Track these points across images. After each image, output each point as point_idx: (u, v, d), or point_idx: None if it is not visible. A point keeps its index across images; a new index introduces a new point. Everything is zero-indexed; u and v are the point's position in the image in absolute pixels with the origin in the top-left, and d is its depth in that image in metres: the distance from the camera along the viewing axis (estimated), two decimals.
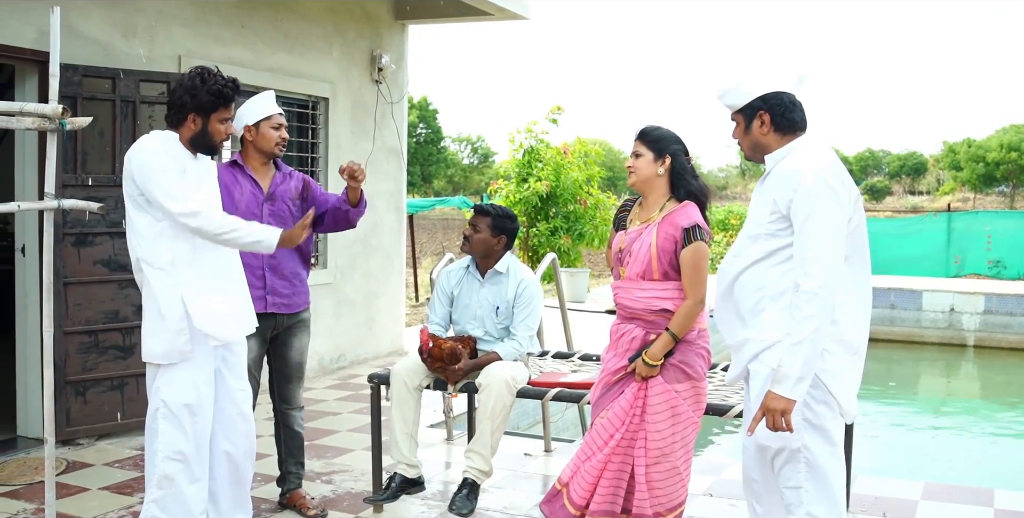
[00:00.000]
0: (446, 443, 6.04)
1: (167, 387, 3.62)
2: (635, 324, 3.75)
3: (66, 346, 5.62)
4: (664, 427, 3.64)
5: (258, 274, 4.40)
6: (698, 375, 3.70)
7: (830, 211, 3.05)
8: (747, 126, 3.31)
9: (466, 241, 4.62)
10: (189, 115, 3.68)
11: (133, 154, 3.62)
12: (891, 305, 14.98)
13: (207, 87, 3.65)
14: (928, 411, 11.24)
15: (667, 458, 3.65)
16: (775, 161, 3.25)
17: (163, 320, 3.59)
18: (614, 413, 3.72)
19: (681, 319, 3.62)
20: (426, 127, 55.57)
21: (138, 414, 5.90)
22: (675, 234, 3.64)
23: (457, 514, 4.27)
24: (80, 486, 4.98)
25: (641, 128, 3.83)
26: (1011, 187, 54.59)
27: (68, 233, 5.65)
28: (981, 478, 7.50)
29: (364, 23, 8.64)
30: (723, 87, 3.34)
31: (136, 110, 5.96)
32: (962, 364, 14.05)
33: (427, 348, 4.38)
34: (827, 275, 3.01)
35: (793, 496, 3.23)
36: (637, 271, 3.70)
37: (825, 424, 3.17)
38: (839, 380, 3.16)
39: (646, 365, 3.63)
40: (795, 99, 3.27)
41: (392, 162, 9.15)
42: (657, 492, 3.65)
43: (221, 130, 3.75)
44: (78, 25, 5.88)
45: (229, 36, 7.10)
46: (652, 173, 3.75)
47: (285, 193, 4.50)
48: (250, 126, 4.41)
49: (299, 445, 4.70)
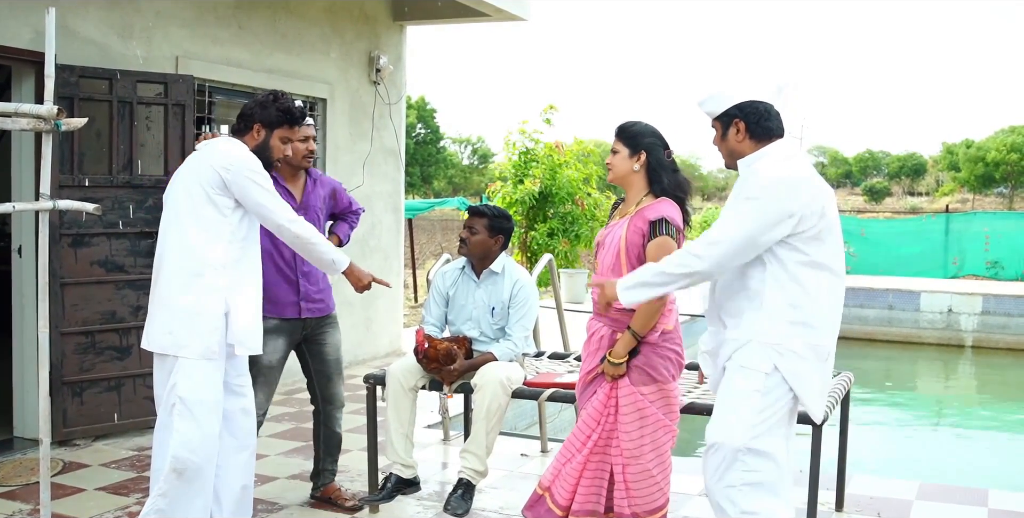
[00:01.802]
0: (442, 444, 6.05)
1: (185, 382, 3.64)
2: (603, 321, 3.78)
3: (63, 347, 5.63)
4: (632, 429, 3.65)
5: (291, 280, 4.50)
6: (664, 378, 3.68)
7: (753, 212, 3.11)
8: (724, 133, 3.37)
9: (463, 244, 4.63)
10: (255, 125, 3.90)
11: (229, 152, 3.75)
12: (889, 306, 14.99)
13: (278, 104, 3.91)
14: (925, 411, 11.26)
15: (637, 461, 3.65)
16: (746, 166, 3.31)
17: (201, 317, 3.65)
18: (588, 414, 3.75)
19: (641, 316, 3.60)
20: (425, 127, 55.58)
21: (135, 415, 5.91)
22: (643, 227, 3.65)
23: (452, 514, 4.27)
24: (76, 487, 4.98)
25: (619, 124, 3.86)
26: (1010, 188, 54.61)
27: (65, 234, 5.65)
28: (976, 478, 7.51)
29: (362, 24, 8.65)
30: (702, 95, 3.41)
31: (133, 111, 5.97)
32: (960, 365, 14.06)
33: (423, 348, 4.39)
34: (716, 259, 3.15)
35: (730, 495, 3.26)
36: (608, 264, 3.73)
37: (775, 426, 3.21)
38: (806, 383, 3.21)
39: (611, 364, 3.65)
40: (771, 108, 3.31)
41: (390, 163, 9.16)
42: (633, 493, 3.67)
43: (280, 148, 3.96)
44: (75, 26, 5.89)
45: (227, 37, 7.11)
46: (628, 169, 3.77)
47: (316, 202, 4.64)
48: None
49: (336, 445, 4.81)
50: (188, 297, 3.66)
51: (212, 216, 3.69)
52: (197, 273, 3.66)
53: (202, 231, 3.68)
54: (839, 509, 4.74)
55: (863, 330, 14.75)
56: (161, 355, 3.72)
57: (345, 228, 4.88)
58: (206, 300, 3.66)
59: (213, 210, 3.69)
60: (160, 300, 3.73)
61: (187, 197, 3.70)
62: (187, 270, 3.67)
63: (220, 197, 3.69)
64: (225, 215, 3.71)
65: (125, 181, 5.92)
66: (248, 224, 3.81)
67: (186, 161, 3.85)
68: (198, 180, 3.69)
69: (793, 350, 3.17)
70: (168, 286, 3.69)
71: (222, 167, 3.67)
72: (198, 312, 3.65)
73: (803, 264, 3.17)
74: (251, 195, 3.71)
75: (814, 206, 3.15)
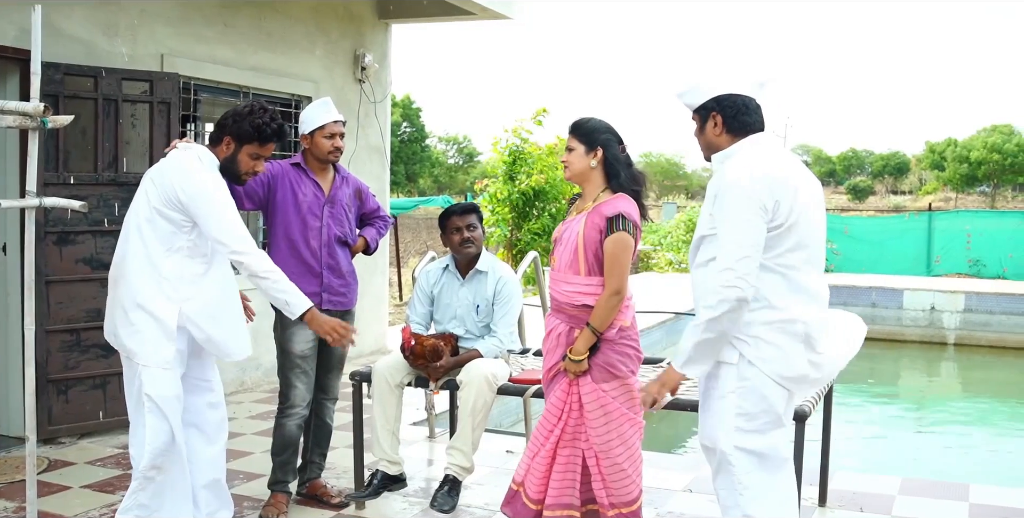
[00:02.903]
0: (428, 441, 6.07)
1: (150, 382, 3.64)
2: (560, 318, 3.80)
3: (48, 344, 5.62)
4: (598, 425, 3.69)
5: (316, 272, 4.52)
6: (624, 374, 3.71)
7: (742, 213, 3.09)
8: (702, 126, 3.37)
9: (470, 244, 4.63)
10: (226, 137, 3.82)
11: (190, 174, 3.64)
12: (872, 304, 15.08)
13: (251, 118, 3.80)
14: (907, 408, 11.33)
15: (607, 455, 3.69)
16: (720, 161, 3.32)
17: (153, 328, 3.62)
18: (548, 408, 3.80)
19: (600, 312, 3.63)
20: (410, 125, 55.48)
21: (120, 413, 5.89)
22: (600, 223, 3.66)
23: (439, 510, 4.30)
24: (62, 485, 4.98)
25: (573, 121, 3.87)
26: (992, 187, 54.95)
27: (50, 232, 5.64)
28: (957, 474, 7.57)
29: (347, 22, 8.65)
30: (681, 87, 3.41)
31: (119, 109, 5.96)
32: (942, 362, 14.15)
33: (409, 345, 4.41)
34: (738, 272, 3.07)
35: (728, 498, 3.28)
36: (566, 260, 3.74)
37: (759, 427, 3.21)
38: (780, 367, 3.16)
39: (572, 362, 3.67)
40: (749, 102, 3.30)
41: (375, 161, 9.17)
42: (609, 484, 3.72)
43: (248, 163, 3.87)
44: (60, 23, 5.88)
45: (212, 35, 7.10)
46: (585, 166, 3.78)
47: (343, 197, 4.66)
48: (305, 135, 4.55)
49: (326, 436, 4.82)
50: (144, 307, 3.63)
51: (168, 228, 3.64)
52: (156, 283, 3.63)
53: (159, 242, 3.64)
54: (822, 504, 4.77)
55: None
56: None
57: (372, 232, 4.86)
58: (160, 312, 3.62)
59: (168, 223, 3.64)
60: (118, 300, 3.71)
61: (147, 205, 3.66)
62: (146, 278, 3.64)
63: (175, 213, 3.63)
64: (182, 230, 3.65)
65: (110, 179, 5.91)
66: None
67: (158, 164, 3.79)
68: (159, 192, 3.64)
69: (756, 336, 3.15)
70: (128, 291, 3.67)
71: (180, 188, 3.60)
72: (151, 323, 3.63)
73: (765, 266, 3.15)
74: (208, 228, 3.62)
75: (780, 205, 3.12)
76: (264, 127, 3.81)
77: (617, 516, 3.73)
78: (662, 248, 22.21)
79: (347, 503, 4.70)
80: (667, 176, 69.31)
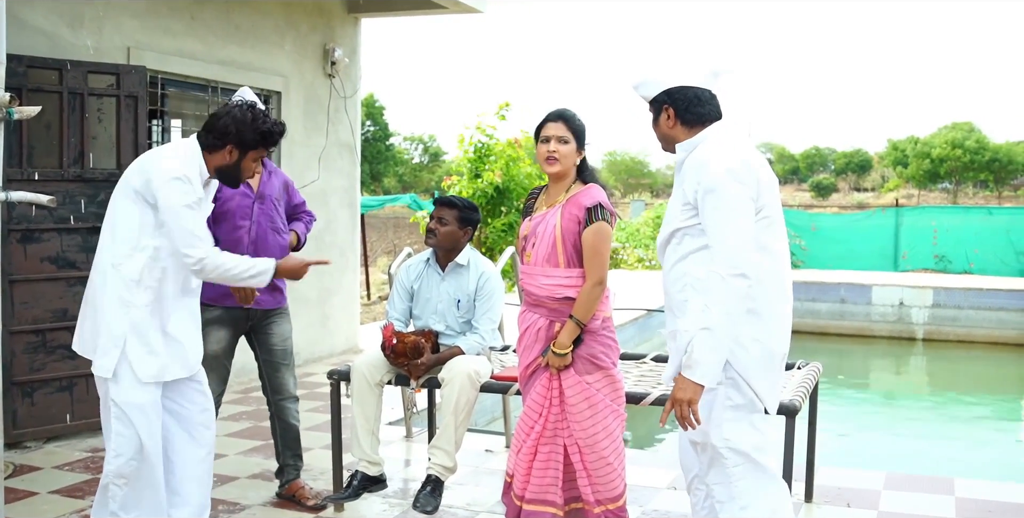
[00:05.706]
0: (405, 440, 5.96)
1: (115, 388, 3.52)
2: (539, 313, 3.74)
3: (12, 346, 5.46)
4: (584, 419, 3.65)
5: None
6: (607, 365, 3.68)
7: (734, 200, 3.05)
8: (656, 119, 3.35)
9: (432, 234, 4.53)
10: (228, 145, 3.62)
11: (162, 168, 3.47)
12: (841, 300, 15.12)
13: (257, 125, 3.63)
14: (879, 404, 11.37)
15: (592, 449, 3.65)
16: (686, 151, 3.27)
17: (104, 334, 3.48)
18: (529, 404, 3.75)
19: (583, 303, 3.60)
20: (373, 124, 55.26)
21: (88, 416, 5.74)
22: (578, 214, 3.64)
23: (421, 511, 4.20)
24: (29, 490, 4.82)
25: (560, 111, 3.81)
26: (954, 183, 55.65)
27: (14, 229, 5.47)
28: (939, 467, 7.58)
29: (317, 16, 8.52)
30: (634, 79, 3.38)
31: (84, 103, 5.80)
32: (911, 357, 14.24)
33: (391, 343, 4.31)
34: (736, 261, 3.01)
35: (723, 492, 3.23)
36: (543, 254, 3.69)
37: (749, 419, 3.19)
38: (753, 374, 3.15)
39: (556, 355, 3.62)
40: (702, 93, 3.26)
41: (345, 157, 9.03)
42: (595, 479, 3.67)
43: (251, 168, 3.72)
44: (22, 14, 5.71)
45: (179, 28, 6.95)
46: (574, 161, 3.76)
47: (272, 192, 4.57)
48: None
49: (295, 437, 4.73)
50: (102, 309, 3.50)
51: (136, 221, 3.49)
52: (116, 286, 3.49)
53: (123, 243, 3.50)
54: (808, 500, 4.73)
55: (815, 324, 14.85)
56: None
57: (301, 226, 4.80)
58: (111, 316, 3.48)
59: (143, 213, 3.49)
60: (87, 300, 3.59)
61: (131, 196, 3.52)
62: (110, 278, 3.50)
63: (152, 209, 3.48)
64: (150, 233, 3.49)
65: (76, 175, 5.75)
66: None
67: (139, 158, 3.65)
68: (134, 180, 3.50)
69: (739, 341, 3.10)
70: (92, 290, 3.55)
71: (157, 187, 3.44)
72: (103, 329, 3.49)
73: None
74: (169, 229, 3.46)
75: (761, 188, 3.13)
76: (269, 134, 3.68)
77: (604, 513, 3.70)
78: (631, 245, 22.22)
79: (325, 505, 4.60)
80: (632, 175, 69.58)
